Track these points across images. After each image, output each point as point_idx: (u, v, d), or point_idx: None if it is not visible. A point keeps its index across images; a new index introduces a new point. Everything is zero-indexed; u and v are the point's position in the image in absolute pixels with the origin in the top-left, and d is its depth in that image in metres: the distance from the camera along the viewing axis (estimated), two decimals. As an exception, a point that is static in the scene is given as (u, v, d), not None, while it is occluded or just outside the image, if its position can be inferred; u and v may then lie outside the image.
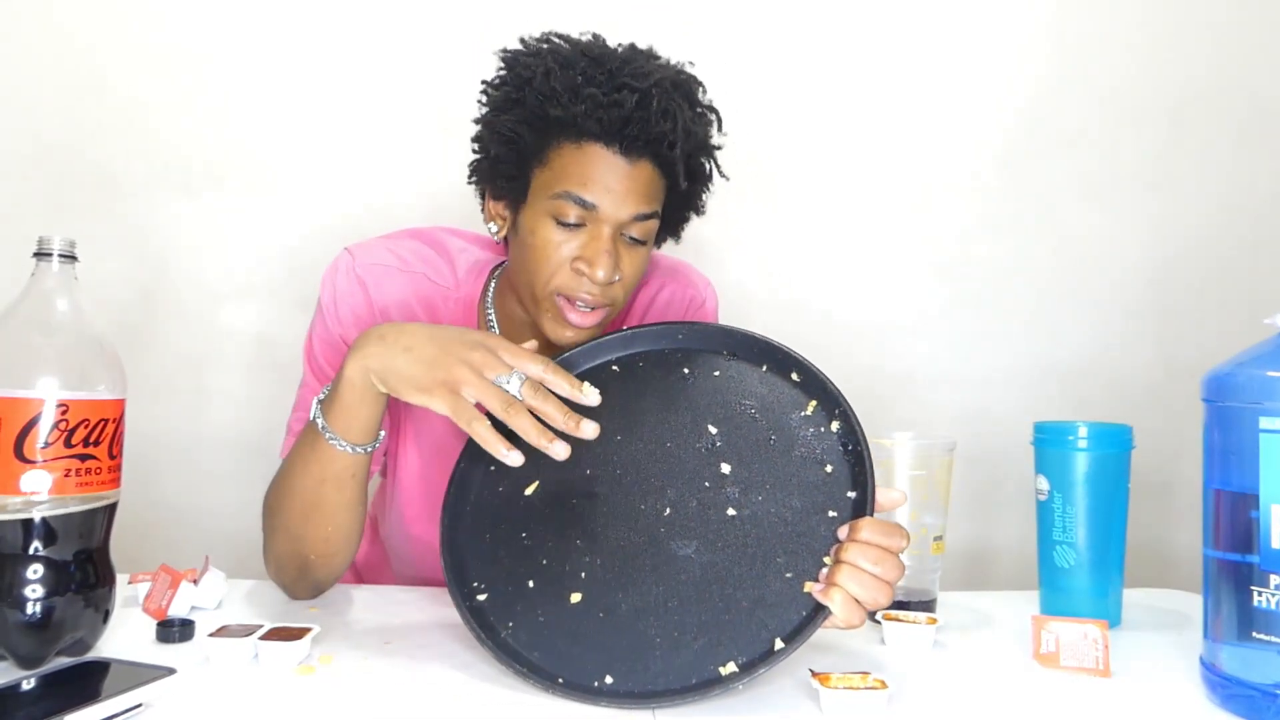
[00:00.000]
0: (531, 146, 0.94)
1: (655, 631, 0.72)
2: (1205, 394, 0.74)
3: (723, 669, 0.68)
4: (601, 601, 0.75)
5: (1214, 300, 1.82)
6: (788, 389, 0.85)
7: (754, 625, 0.71)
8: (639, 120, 0.89)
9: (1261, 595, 0.67)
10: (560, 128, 0.92)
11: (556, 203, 0.92)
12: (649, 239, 0.97)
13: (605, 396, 0.89)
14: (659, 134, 0.90)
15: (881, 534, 0.72)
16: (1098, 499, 0.92)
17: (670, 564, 0.76)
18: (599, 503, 0.81)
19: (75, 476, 0.73)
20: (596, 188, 0.91)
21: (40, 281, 0.75)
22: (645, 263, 0.99)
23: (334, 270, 1.05)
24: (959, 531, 1.22)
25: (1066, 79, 1.83)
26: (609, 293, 0.95)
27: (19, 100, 1.69)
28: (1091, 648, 0.79)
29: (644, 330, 0.93)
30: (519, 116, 0.93)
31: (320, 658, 0.77)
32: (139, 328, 1.69)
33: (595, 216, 0.93)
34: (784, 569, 0.74)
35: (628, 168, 0.92)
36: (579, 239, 0.94)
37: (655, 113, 0.89)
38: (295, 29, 1.73)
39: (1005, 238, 1.83)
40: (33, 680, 0.65)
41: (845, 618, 0.70)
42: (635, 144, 0.91)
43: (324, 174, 1.73)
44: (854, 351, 1.79)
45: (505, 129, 0.94)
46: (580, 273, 0.94)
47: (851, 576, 0.70)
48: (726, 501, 0.79)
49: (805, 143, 1.81)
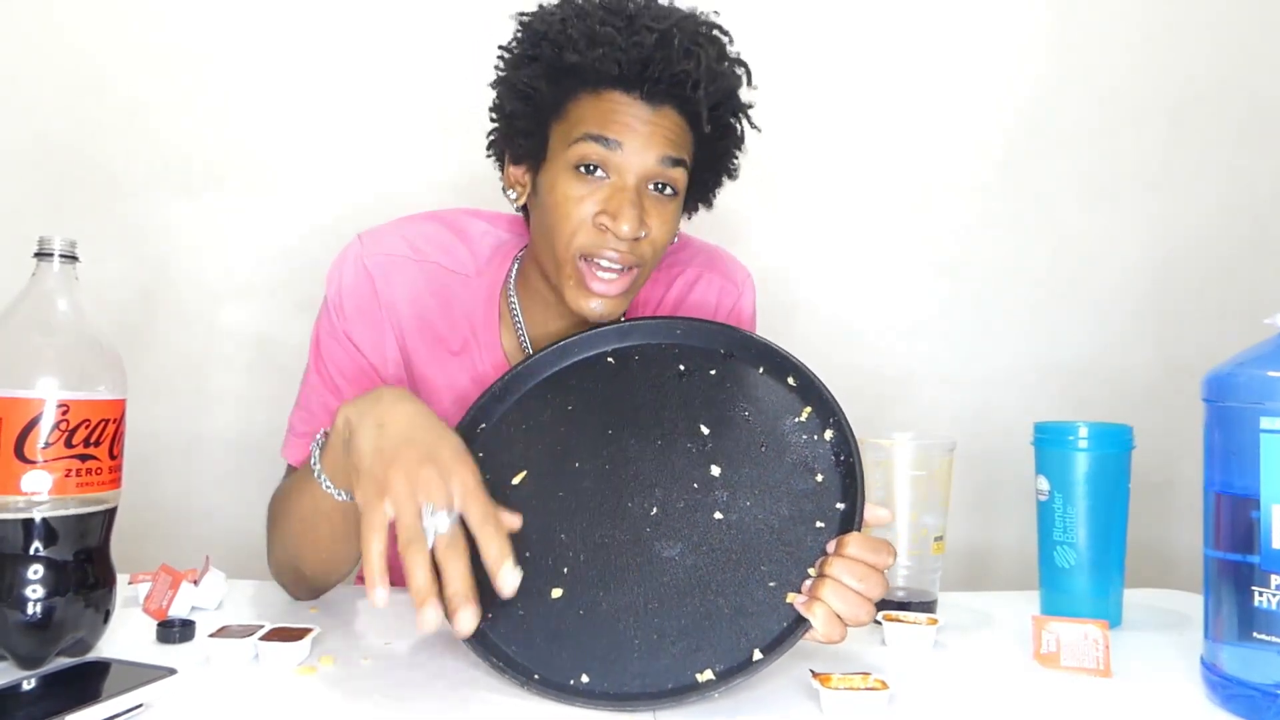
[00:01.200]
0: (549, 100, 0.90)
1: (634, 633, 0.72)
2: (1206, 394, 0.74)
3: (700, 676, 0.68)
4: (582, 599, 0.74)
5: (1214, 300, 1.82)
6: (784, 393, 0.84)
7: (734, 633, 0.70)
8: (660, 60, 0.84)
9: (1262, 595, 0.67)
10: (578, 77, 0.87)
11: (577, 147, 0.88)
12: (679, 192, 0.92)
13: (599, 388, 0.88)
14: (681, 74, 0.85)
15: (869, 550, 0.72)
16: (1098, 499, 0.92)
17: (654, 565, 0.76)
18: (586, 497, 0.80)
19: (76, 477, 0.73)
20: (618, 127, 0.87)
21: (41, 282, 0.75)
22: (675, 221, 0.94)
23: (342, 260, 1.01)
24: (959, 532, 1.21)
25: (1066, 79, 1.83)
26: (636, 250, 0.90)
27: (19, 100, 1.69)
28: (1092, 648, 0.79)
29: (642, 323, 0.92)
30: (536, 71, 0.89)
31: (321, 658, 0.76)
32: (139, 328, 1.69)
33: (618, 163, 0.88)
34: (768, 577, 0.73)
35: (650, 113, 0.88)
36: (602, 192, 0.89)
37: (677, 51, 0.85)
38: (295, 29, 1.73)
39: (1005, 238, 1.83)
40: (33, 680, 0.65)
41: (825, 633, 0.69)
42: (657, 87, 0.86)
43: (324, 174, 1.73)
44: (854, 351, 1.79)
45: (522, 84, 0.91)
46: (604, 228, 0.89)
47: (835, 592, 0.70)
48: (714, 505, 0.78)
49: (805, 143, 1.81)
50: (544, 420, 0.87)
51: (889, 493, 0.96)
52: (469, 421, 0.87)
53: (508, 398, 0.90)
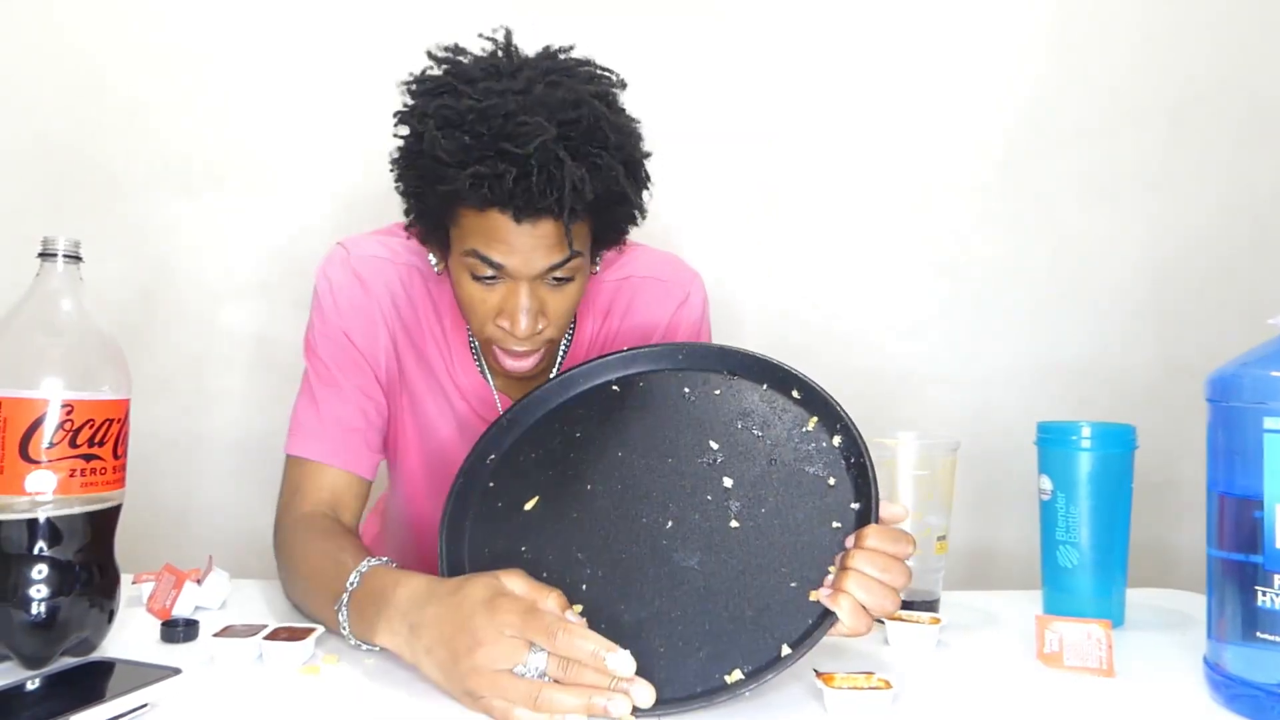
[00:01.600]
0: (439, 207, 0.92)
1: (659, 642, 0.71)
2: (1209, 394, 0.74)
3: (728, 677, 0.68)
4: (603, 613, 0.74)
5: (1215, 300, 1.83)
6: (789, 406, 0.85)
7: (759, 633, 0.71)
8: (522, 193, 0.84)
9: (1265, 595, 0.67)
10: (457, 197, 0.88)
11: (469, 260, 0.91)
12: (576, 274, 0.94)
13: (607, 415, 0.90)
14: (545, 206, 0.85)
15: (889, 541, 0.72)
16: (1101, 499, 0.92)
17: (673, 575, 0.76)
18: (600, 516, 0.81)
19: (80, 477, 0.73)
20: (501, 248, 0.89)
21: (45, 282, 0.75)
22: (579, 292, 0.96)
23: (329, 263, 1.05)
24: (962, 531, 1.22)
25: (1066, 79, 1.83)
26: (538, 339, 0.95)
27: (19, 100, 1.68)
28: (1095, 647, 0.79)
29: (645, 351, 0.94)
30: (421, 180, 0.91)
31: (325, 658, 0.77)
32: (139, 328, 1.68)
33: (508, 272, 0.91)
34: (789, 578, 0.73)
35: (530, 228, 0.88)
36: (496, 295, 0.93)
37: (537, 184, 0.84)
38: (295, 29, 1.73)
39: (1005, 238, 1.83)
40: (38, 680, 0.65)
41: (852, 624, 0.69)
42: (527, 211, 0.87)
43: (324, 174, 1.73)
44: (855, 352, 1.79)
45: (411, 187, 0.93)
46: (503, 328, 0.94)
47: (859, 583, 0.70)
48: (729, 514, 0.79)
49: (805, 143, 1.81)
50: (554, 447, 0.89)
51: (893, 493, 0.96)
52: (478, 453, 0.89)
53: (515, 429, 0.91)
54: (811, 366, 0.87)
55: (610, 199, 0.91)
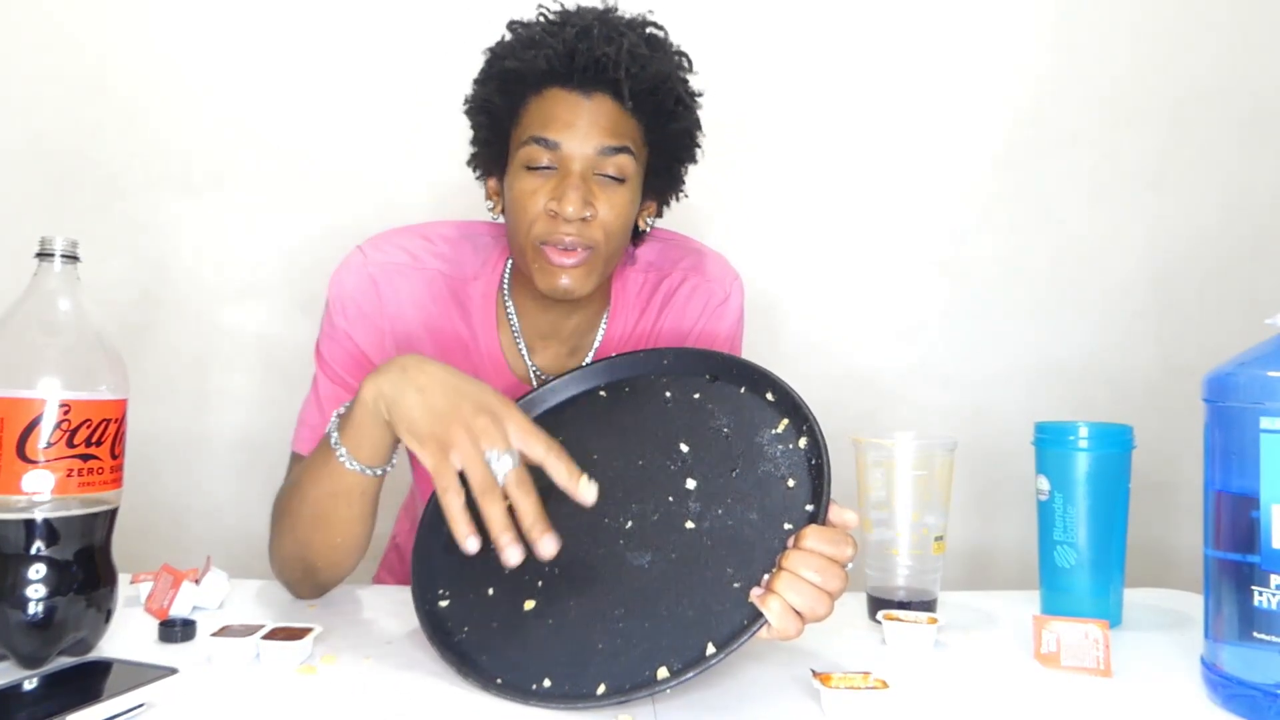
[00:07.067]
0: (504, 110, 0.98)
1: (599, 637, 0.72)
2: (1206, 394, 0.74)
3: (658, 673, 0.68)
4: (553, 608, 0.76)
5: (1214, 300, 1.83)
6: (762, 408, 0.85)
7: (694, 632, 0.70)
8: (583, 51, 0.91)
9: (1262, 595, 0.67)
10: (522, 81, 0.95)
11: (525, 150, 0.95)
12: (628, 178, 0.97)
13: (590, 421, 0.91)
14: (604, 58, 0.92)
15: (826, 542, 0.70)
16: (1098, 499, 0.92)
17: (624, 573, 0.77)
18: (565, 516, 0.80)
19: (77, 476, 0.73)
20: (557, 125, 0.94)
21: (43, 282, 0.75)
22: (627, 207, 0.98)
23: (344, 268, 1.05)
24: (960, 531, 1.22)
25: (1066, 79, 1.83)
26: (586, 232, 0.95)
27: (19, 100, 1.69)
28: (1092, 648, 0.79)
29: (630, 357, 0.95)
30: (490, 86, 0.98)
31: (322, 658, 0.77)
32: (140, 328, 1.69)
33: (561, 158, 0.94)
34: (733, 579, 0.73)
35: (585, 102, 0.94)
36: (550, 184, 0.95)
37: (598, 40, 0.92)
38: (296, 29, 1.73)
39: (1005, 238, 1.83)
40: (35, 680, 0.65)
41: (780, 626, 0.68)
42: (586, 76, 0.93)
43: (325, 174, 1.73)
44: (855, 352, 1.79)
45: (480, 99, 1.00)
46: (554, 214, 0.94)
47: (790, 584, 0.69)
48: (686, 515, 0.79)
49: (805, 143, 1.81)
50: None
51: (890, 492, 0.96)
52: None
53: None
54: (810, 366, 0.88)
55: (667, 95, 0.97)
